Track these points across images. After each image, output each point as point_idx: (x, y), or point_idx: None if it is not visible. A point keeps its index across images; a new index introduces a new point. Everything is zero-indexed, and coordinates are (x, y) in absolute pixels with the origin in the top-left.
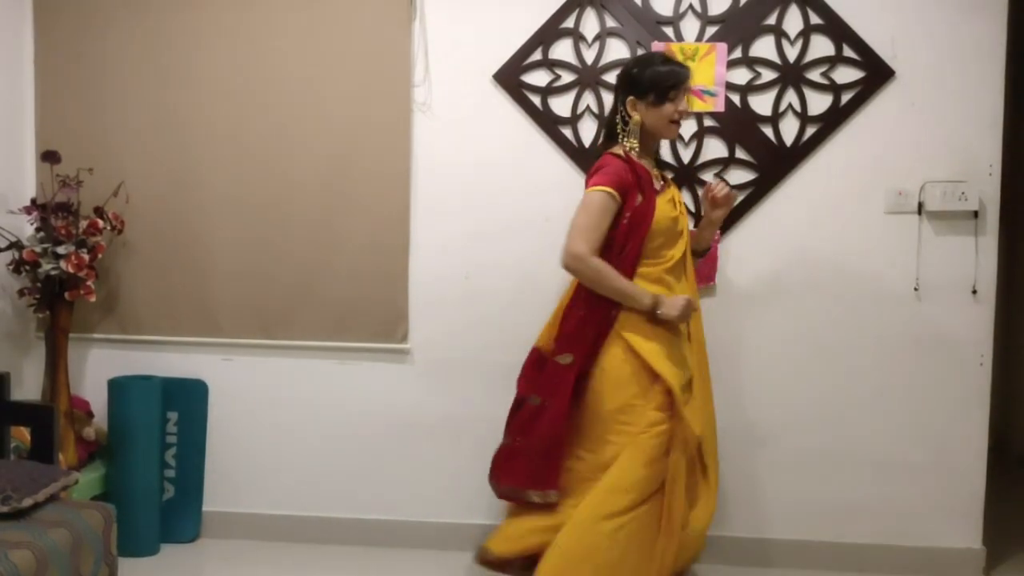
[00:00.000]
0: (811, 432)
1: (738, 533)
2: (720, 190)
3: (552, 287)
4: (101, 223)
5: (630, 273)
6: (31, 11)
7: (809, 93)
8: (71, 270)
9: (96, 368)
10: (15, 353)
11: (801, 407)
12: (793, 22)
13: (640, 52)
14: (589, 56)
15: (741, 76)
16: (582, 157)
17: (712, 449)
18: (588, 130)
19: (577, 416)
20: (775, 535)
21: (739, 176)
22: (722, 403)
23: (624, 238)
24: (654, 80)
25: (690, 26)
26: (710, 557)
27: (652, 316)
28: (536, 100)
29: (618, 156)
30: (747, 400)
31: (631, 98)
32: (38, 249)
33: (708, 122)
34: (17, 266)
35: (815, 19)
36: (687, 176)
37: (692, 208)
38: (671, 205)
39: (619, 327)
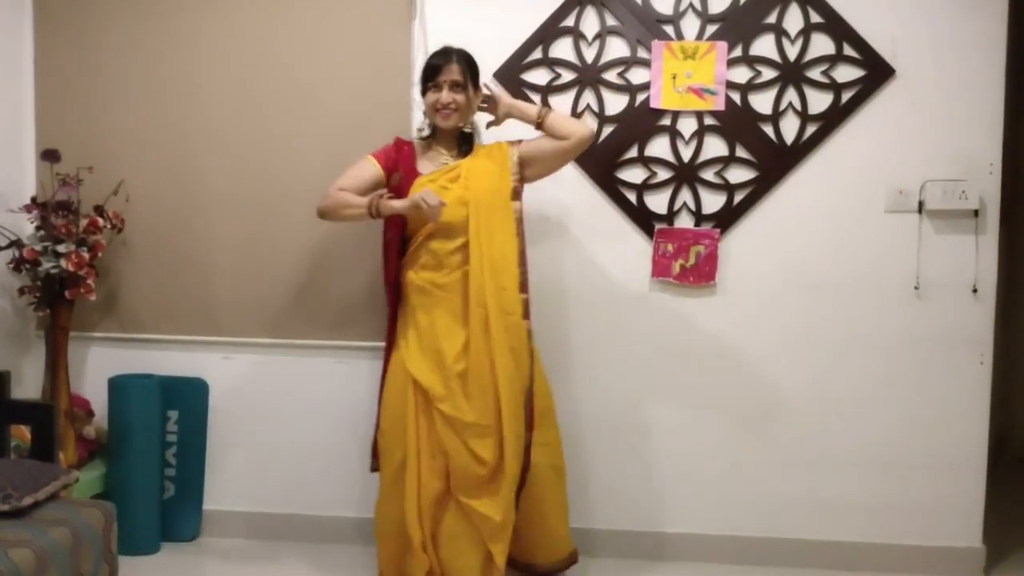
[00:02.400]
0: (811, 430)
1: (737, 532)
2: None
3: (550, 286)
4: (101, 222)
5: (398, 238)
6: (31, 10)
7: (809, 92)
8: (71, 269)
9: (96, 367)
10: (15, 352)
11: (801, 405)
12: (793, 21)
13: (640, 50)
14: (589, 55)
15: (741, 75)
16: (583, 155)
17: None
18: None
19: None
20: (774, 533)
21: (739, 175)
22: (722, 402)
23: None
24: (422, 71)
25: (690, 24)
26: (709, 557)
27: (375, 215)
28: (536, 99)
29: (402, 139)
30: (746, 398)
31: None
32: (38, 248)
33: (708, 120)
34: (17, 265)
35: (815, 18)
36: (688, 175)
37: (693, 206)
38: (430, 185)
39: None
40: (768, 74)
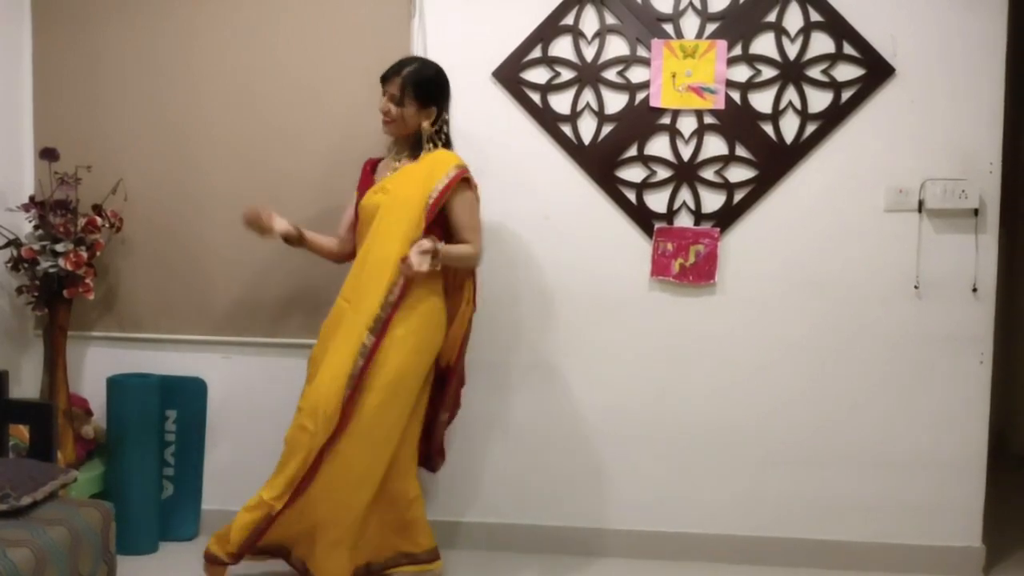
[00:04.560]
0: (810, 430)
1: (737, 532)
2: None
3: (550, 286)
4: (99, 221)
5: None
6: (29, 9)
7: (809, 90)
8: (70, 268)
9: (95, 366)
10: (13, 351)
11: (800, 405)
12: (793, 19)
13: (640, 49)
14: (589, 53)
15: (741, 73)
16: (581, 154)
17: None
18: (588, 128)
19: None
20: (773, 533)
21: (739, 174)
22: (721, 402)
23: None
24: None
25: (690, 23)
26: (709, 556)
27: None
28: (536, 97)
29: (372, 159)
30: (746, 398)
31: None
32: (36, 247)
33: (708, 119)
34: (15, 264)
35: (815, 16)
36: (687, 174)
37: (692, 205)
38: (373, 192)
39: None
40: (768, 73)
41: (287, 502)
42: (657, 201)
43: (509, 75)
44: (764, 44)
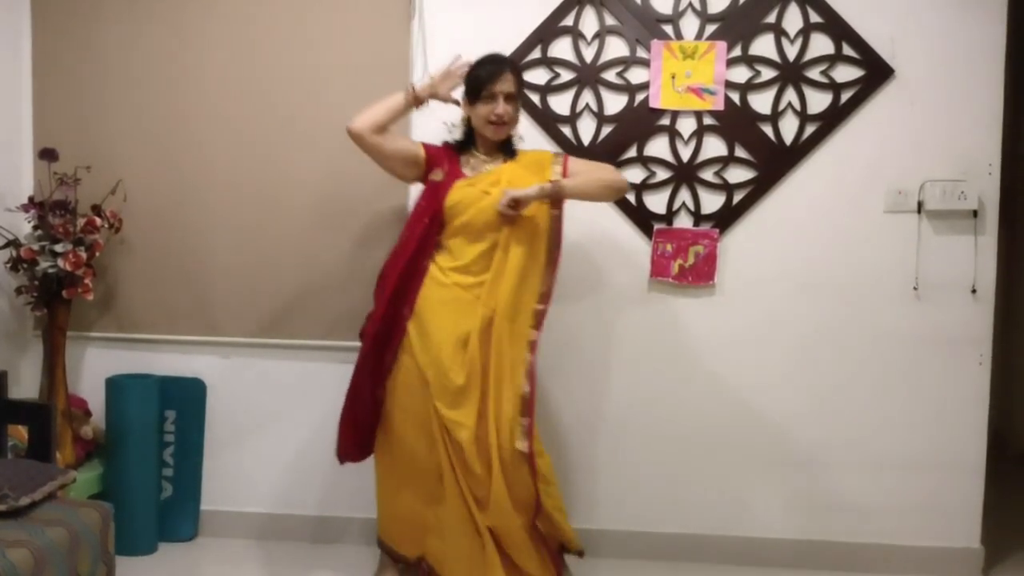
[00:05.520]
0: (810, 431)
1: (736, 532)
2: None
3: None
4: (99, 221)
5: (434, 241)
6: (29, 9)
7: (809, 92)
8: (69, 268)
9: (94, 366)
10: (12, 351)
11: (800, 406)
12: (793, 20)
13: (639, 50)
14: (588, 54)
15: (741, 74)
16: (581, 155)
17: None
18: (587, 128)
19: None
20: (773, 534)
21: (738, 175)
22: (721, 402)
23: (424, 209)
24: (469, 80)
25: (690, 24)
26: (708, 557)
27: (416, 104)
28: (535, 98)
29: (448, 143)
30: (745, 399)
31: (463, 95)
32: (36, 247)
33: (707, 120)
34: (15, 264)
35: (815, 17)
36: (687, 175)
37: (692, 206)
38: (475, 191)
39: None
40: (767, 74)
41: None
42: (656, 202)
43: None
44: (763, 45)
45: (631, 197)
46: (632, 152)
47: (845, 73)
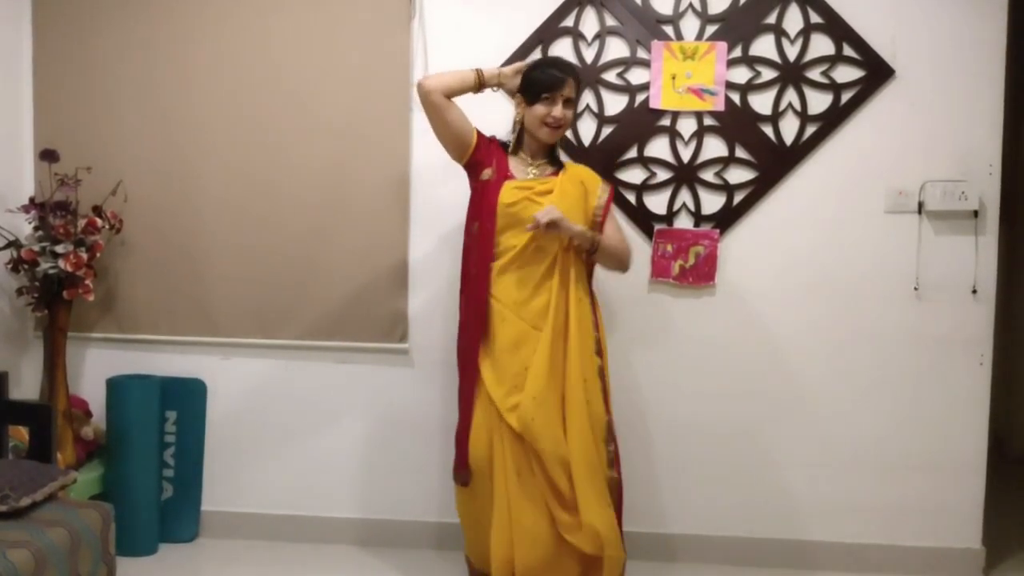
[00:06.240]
0: (810, 431)
1: (736, 533)
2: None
3: None
4: (99, 222)
5: (491, 248)
6: (29, 9)
7: (809, 92)
8: (69, 269)
9: (94, 367)
10: (13, 352)
11: (800, 406)
12: (793, 21)
13: (640, 51)
14: (589, 55)
15: (741, 75)
16: (582, 156)
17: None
18: (587, 129)
19: None
20: (773, 535)
21: (739, 175)
22: (721, 404)
23: (476, 209)
24: (530, 82)
25: (690, 25)
26: (708, 558)
27: (478, 88)
28: None
29: (497, 140)
30: (745, 400)
31: (519, 95)
32: (36, 248)
33: (708, 121)
34: (15, 265)
35: (815, 18)
36: (687, 175)
37: (692, 207)
38: (521, 192)
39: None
40: (768, 74)
41: None
42: (657, 203)
43: None
44: (764, 46)
45: (631, 197)
46: (632, 153)
47: (845, 73)
